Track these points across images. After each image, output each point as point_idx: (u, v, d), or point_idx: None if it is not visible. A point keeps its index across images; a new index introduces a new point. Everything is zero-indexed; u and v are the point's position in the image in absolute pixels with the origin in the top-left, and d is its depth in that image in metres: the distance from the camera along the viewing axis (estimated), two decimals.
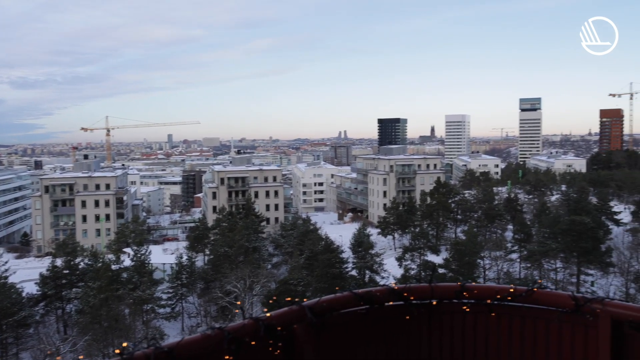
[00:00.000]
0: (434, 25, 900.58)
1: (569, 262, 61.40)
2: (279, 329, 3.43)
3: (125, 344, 2.72)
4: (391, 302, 4.09)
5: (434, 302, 4.16)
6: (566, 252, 60.39)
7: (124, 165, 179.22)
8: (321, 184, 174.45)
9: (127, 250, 70.61)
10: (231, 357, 3.10)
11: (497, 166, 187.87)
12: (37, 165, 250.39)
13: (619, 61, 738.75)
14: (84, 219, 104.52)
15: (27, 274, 68.60)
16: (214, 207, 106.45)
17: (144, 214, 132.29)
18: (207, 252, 73.73)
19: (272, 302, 40.16)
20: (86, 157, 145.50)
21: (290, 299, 3.82)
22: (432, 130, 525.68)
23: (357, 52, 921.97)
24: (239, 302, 49.27)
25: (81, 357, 43.13)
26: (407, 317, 4.12)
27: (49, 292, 55.84)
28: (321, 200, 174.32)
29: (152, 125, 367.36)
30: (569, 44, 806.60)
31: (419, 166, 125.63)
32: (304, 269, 57.16)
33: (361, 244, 63.41)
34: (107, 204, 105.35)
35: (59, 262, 58.43)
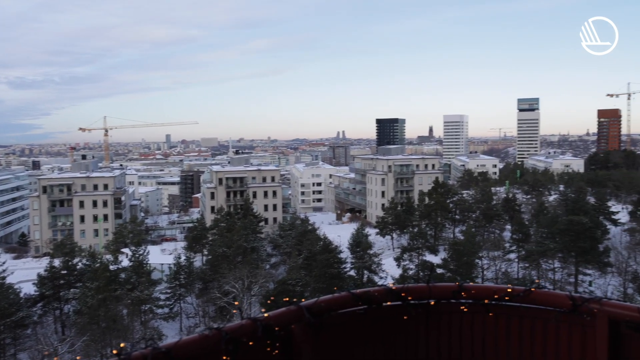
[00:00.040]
0: (432, 25, 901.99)
1: (567, 262, 61.52)
2: (277, 329, 3.43)
3: (122, 344, 2.72)
4: (389, 302, 4.09)
5: (432, 302, 4.16)
6: (564, 252, 60.50)
7: (122, 165, 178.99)
8: (319, 184, 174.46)
9: (125, 250, 70.59)
10: (229, 358, 3.10)
11: (495, 166, 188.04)
12: (35, 165, 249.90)
13: (617, 61, 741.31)
14: (82, 219, 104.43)
15: (24, 274, 68.49)
16: (212, 208, 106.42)
17: (142, 214, 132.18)
18: (206, 253, 73.68)
19: (270, 302, 40.13)
20: (84, 157, 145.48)
21: (288, 299, 3.82)
22: (431, 130, 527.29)
23: (356, 52, 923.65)
24: (236, 303, 49.25)
25: (78, 357, 43.05)
26: (405, 317, 4.12)
27: (47, 293, 55.74)
28: (319, 200, 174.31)
29: (150, 125, 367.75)
30: (567, 44, 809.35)
31: (417, 166, 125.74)
32: (302, 269, 57.15)
33: (359, 244, 63.41)
34: (105, 204, 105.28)
35: (57, 262, 58.38)
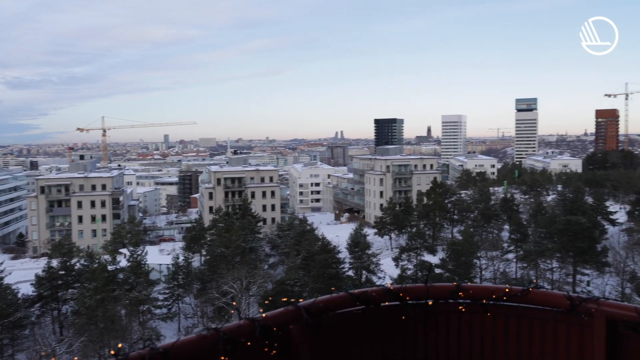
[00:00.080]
0: (431, 25, 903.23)
1: (565, 262, 61.61)
2: (275, 329, 3.43)
3: (120, 345, 2.71)
4: (387, 303, 4.09)
5: (430, 302, 4.16)
6: (562, 252, 60.58)
7: (120, 165, 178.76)
8: (318, 184, 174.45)
9: (124, 251, 70.53)
10: (227, 358, 3.09)
11: (493, 166, 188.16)
12: (33, 165, 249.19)
13: (615, 62, 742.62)
14: (80, 219, 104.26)
15: (22, 274, 68.42)
16: (211, 208, 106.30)
17: (140, 215, 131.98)
18: (204, 253, 73.63)
19: (268, 302, 40.14)
20: (82, 157, 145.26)
21: (286, 299, 3.82)
22: (429, 130, 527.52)
23: (354, 52, 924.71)
24: (234, 303, 49.20)
25: (75, 358, 42.98)
26: (403, 317, 4.12)
27: (45, 293, 55.63)
28: (318, 200, 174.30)
29: (148, 125, 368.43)
30: (566, 44, 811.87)
31: (415, 166, 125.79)
32: (300, 270, 57.12)
33: (358, 244, 63.41)
34: (103, 204, 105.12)
35: (55, 262, 58.30)
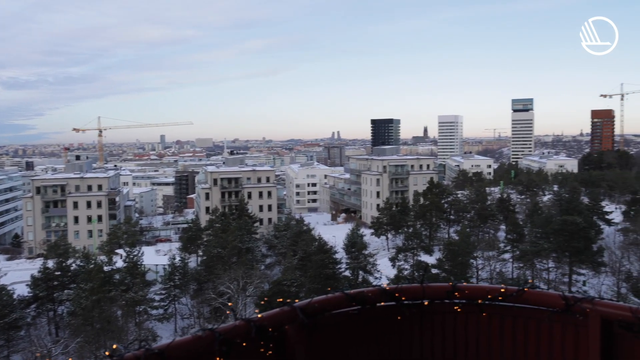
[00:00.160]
0: (427, 26, 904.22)
1: (561, 261, 61.78)
2: (271, 330, 3.43)
3: (115, 346, 2.71)
4: (383, 303, 4.09)
5: (426, 303, 4.16)
6: (558, 252, 60.75)
7: (116, 166, 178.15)
8: (314, 185, 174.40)
9: (120, 251, 70.29)
10: (222, 359, 3.09)
11: (489, 166, 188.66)
12: (29, 166, 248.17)
13: (611, 62, 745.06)
14: (76, 220, 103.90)
15: (18, 275, 68.26)
16: (207, 208, 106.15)
17: (137, 215, 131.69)
18: (200, 253, 73.53)
19: (264, 303, 40.10)
20: (78, 157, 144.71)
21: (282, 300, 3.82)
22: (425, 130, 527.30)
23: (351, 52, 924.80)
24: (230, 304, 49.13)
25: (70, 359, 42.86)
26: (399, 318, 4.12)
27: (41, 294, 55.45)
28: (314, 200, 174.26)
29: (144, 125, 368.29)
30: (561, 45, 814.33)
31: (412, 167, 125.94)
32: (297, 270, 57.12)
33: (354, 244, 63.46)
34: (99, 205, 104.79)
35: (51, 263, 58.10)
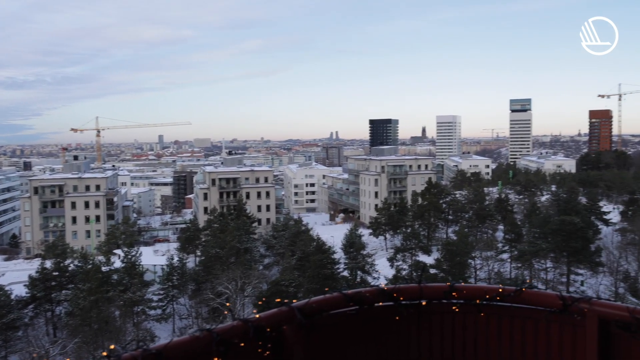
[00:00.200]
0: (425, 26, 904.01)
1: (559, 261, 61.91)
2: (268, 330, 3.42)
3: (112, 346, 2.70)
4: (381, 303, 4.09)
5: (424, 303, 4.16)
6: (556, 252, 60.87)
7: (114, 166, 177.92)
8: (313, 185, 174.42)
9: (118, 251, 70.23)
10: (220, 359, 3.09)
11: (487, 167, 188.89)
12: (26, 166, 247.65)
13: (608, 63, 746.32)
14: (74, 220, 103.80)
15: (16, 276, 68.17)
16: (205, 208, 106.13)
17: (135, 215, 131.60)
18: (198, 254, 73.48)
19: (262, 303, 40.10)
20: (76, 158, 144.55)
21: (279, 300, 3.81)
22: (424, 131, 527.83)
23: (349, 52, 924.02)
24: (228, 304, 49.13)
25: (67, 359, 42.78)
26: (397, 318, 4.12)
27: (38, 294, 55.35)
28: (313, 201, 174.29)
29: (142, 126, 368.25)
30: (559, 45, 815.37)
31: (410, 167, 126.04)
32: (295, 270, 57.13)
33: (353, 244, 63.49)
34: (97, 205, 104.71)
35: (49, 264, 58.01)
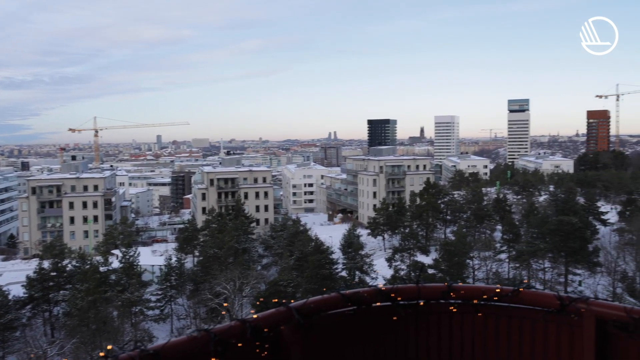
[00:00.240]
0: (424, 26, 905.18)
1: (557, 262, 61.93)
2: (266, 330, 3.42)
3: (110, 346, 2.69)
4: (378, 303, 4.09)
5: (421, 303, 4.17)
6: (554, 252, 60.89)
7: (112, 166, 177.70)
8: (311, 185, 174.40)
9: (116, 252, 70.15)
10: (217, 359, 3.08)
11: (486, 167, 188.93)
12: (24, 166, 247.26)
13: (606, 63, 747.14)
14: (72, 220, 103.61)
15: (13, 276, 68.03)
16: (204, 209, 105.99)
17: (133, 216, 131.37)
18: (197, 254, 73.37)
19: (259, 303, 40.09)
20: (74, 158, 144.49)
21: (277, 300, 3.81)
22: (422, 131, 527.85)
23: (347, 53, 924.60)
24: (226, 304, 49.07)
25: None
26: (395, 318, 4.12)
27: (36, 295, 55.21)
28: (311, 201, 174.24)
29: (140, 126, 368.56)
30: (558, 45, 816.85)
31: (408, 167, 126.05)
32: (293, 270, 57.08)
33: (351, 244, 63.44)
34: (95, 205, 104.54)
35: (46, 264, 57.89)
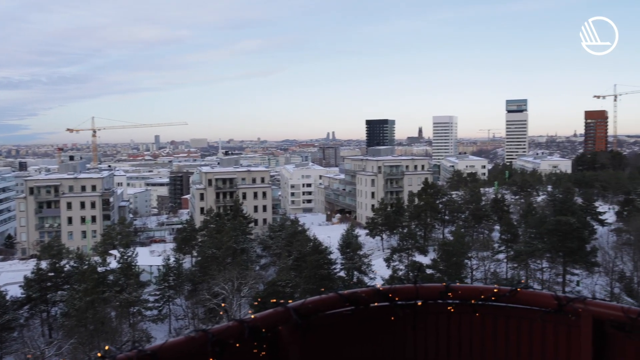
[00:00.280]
0: (422, 26, 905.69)
1: (555, 262, 62.02)
2: (264, 330, 3.42)
3: (107, 347, 2.69)
4: (376, 303, 4.09)
5: (419, 303, 4.17)
6: (552, 252, 60.98)
7: (110, 166, 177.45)
8: (309, 185, 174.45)
9: (114, 252, 70.03)
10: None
11: (484, 167, 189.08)
12: (22, 166, 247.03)
13: (604, 63, 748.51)
14: (70, 220, 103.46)
15: (11, 276, 67.91)
16: (202, 209, 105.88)
17: (131, 216, 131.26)
18: (195, 254, 73.36)
19: (257, 303, 40.08)
20: (72, 158, 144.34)
21: (275, 300, 3.81)
22: (420, 131, 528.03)
23: (345, 53, 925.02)
24: (224, 305, 49.05)
25: None
26: (392, 318, 4.12)
27: (34, 295, 55.16)
28: (309, 201, 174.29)
29: (139, 126, 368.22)
30: (556, 45, 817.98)
31: (406, 167, 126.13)
32: (292, 271, 57.09)
33: (349, 245, 63.48)
34: (93, 205, 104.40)
35: (44, 264, 57.86)
